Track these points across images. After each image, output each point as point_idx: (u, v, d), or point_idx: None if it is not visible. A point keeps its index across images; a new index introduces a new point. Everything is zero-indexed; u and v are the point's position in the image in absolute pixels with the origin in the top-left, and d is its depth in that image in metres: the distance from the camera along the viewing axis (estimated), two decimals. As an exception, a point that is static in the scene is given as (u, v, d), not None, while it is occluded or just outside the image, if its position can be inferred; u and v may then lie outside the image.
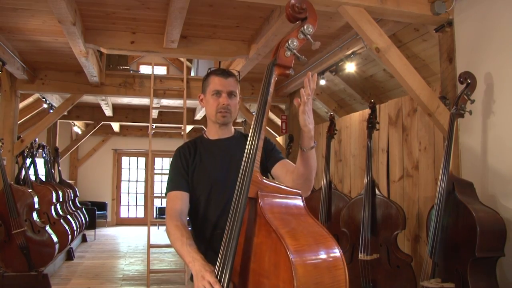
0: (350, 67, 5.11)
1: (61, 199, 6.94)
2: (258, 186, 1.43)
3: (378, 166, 4.61)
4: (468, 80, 2.85)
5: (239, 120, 9.52)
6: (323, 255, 1.30)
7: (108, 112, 8.78)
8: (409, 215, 3.98)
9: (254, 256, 1.38)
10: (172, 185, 1.89)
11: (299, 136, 6.12)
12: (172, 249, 7.79)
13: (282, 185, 1.50)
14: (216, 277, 1.44)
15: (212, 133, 1.98)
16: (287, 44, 1.54)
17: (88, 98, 7.69)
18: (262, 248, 1.36)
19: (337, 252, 1.33)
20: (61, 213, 6.86)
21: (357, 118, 5.33)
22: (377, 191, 3.51)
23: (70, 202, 8.00)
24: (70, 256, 7.21)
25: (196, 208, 1.90)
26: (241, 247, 1.43)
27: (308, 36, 1.54)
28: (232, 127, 2.01)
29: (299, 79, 5.98)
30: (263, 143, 1.84)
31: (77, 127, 10.55)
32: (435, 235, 2.61)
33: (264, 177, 1.48)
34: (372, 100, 3.86)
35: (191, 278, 1.85)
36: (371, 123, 3.73)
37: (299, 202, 1.46)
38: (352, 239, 3.58)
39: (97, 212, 10.20)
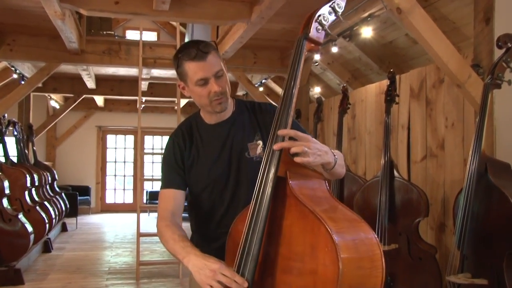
0: (367, 32, 5.06)
1: (36, 183, 6.95)
2: (287, 165, 1.49)
3: (397, 145, 4.61)
4: (508, 44, 2.76)
5: (239, 93, 9.51)
6: (361, 239, 1.37)
7: (90, 84, 8.74)
8: (432, 201, 3.98)
9: (283, 239, 1.44)
10: (165, 182, 1.90)
11: (307, 111, 6.13)
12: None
13: (306, 166, 1.54)
14: (237, 268, 1.46)
15: (208, 118, 1.93)
16: (319, 19, 1.59)
17: (66, 68, 7.62)
18: (293, 230, 1.42)
19: (373, 237, 1.40)
20: (36, 199, 6.87)
21: (373, 90, 5.31)
22: (395, 173, 3.52)
23: (48, 187, 8.03)
24: (47, 248, 7.24)
25: (197, 206, 1.92)
26: (265, 230, 1.48)
27: (339, 13, 1.60)
28: (231, 100, 1.92)
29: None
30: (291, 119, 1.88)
31: (54, 101, 10.50)
32: (464, 224, 2.59)
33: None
34: (392, 70, 3.84)
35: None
36: (390, 96, 3.72)
37: (323, 185, 1.55)
38: None
39: (79, 198, 10.23)
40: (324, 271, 1.29)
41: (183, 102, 10.18)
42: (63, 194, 8.93)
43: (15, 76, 7.61)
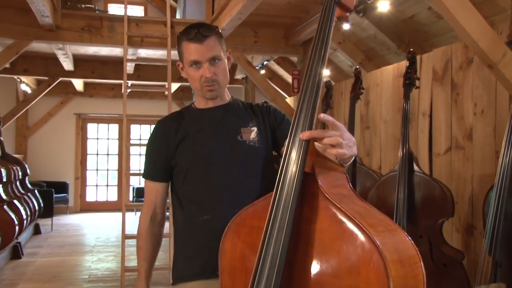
0: (383, 6, 5.06)
1: (4, 179, 6.94)
2: (313, 158, 1.44)
3: (418, 135, 4.63)
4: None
5: (238, 76, 9.51)
6: (402, 249, 1.31)
7: (67, 65, 8.68)
8: (458, 199, 4.00)
9: (312, 248, 1.35)
10: (147, 172, 2.08)
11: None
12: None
13: (330, 159, 1.50)
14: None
15: (202, 103, 2.08)
16: None
17: (39, 46, 7.55)
18: (324, 238, 1.34)
19: (410, 244, 1.33)
20: (4, 197, 6.86)
21: (390, 73, 5.32)
22: (415, 167, 3.52)
23: (18, 183, 8.02)
24: (17, 253, 7.19)
25: (180, 188, 2.01)
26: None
27: None
28: (228, 94, 2.10)
29: (315, 24, 5.89)
30: (272, 111, 2.07)
31: (25, 84, 10.43)
32: (496, 226, 2.59)
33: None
34: (412, 49, 3.82)
35: (174, 282, 1.90)
36: (409, 79, 3.71)
37: (345, 181, 1.50)
38: None
39: (55, 195, 10.19)
40: None
41: (174, 86, 10.17)
42: (36, 191, 8.92)
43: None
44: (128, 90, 7.10)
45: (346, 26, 5.54)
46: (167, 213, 2.94)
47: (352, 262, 1.26)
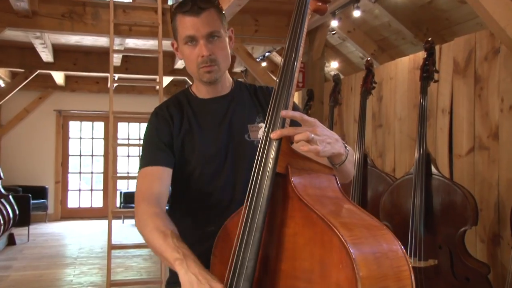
0: (399, -10, 5.09)
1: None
2: (287, 158, 1.47)
3: (436, 134, 4.65)
4: None
5: (237, 69, 9.53)
6: (384, 251, 1.35)
7: (46, 56, 8.68)
8: (483, 205, 4.00)
9: (285, 253, 1.42)
10: (148, 159, 1.89)
11: (321, 92, 6.13)
12: (143, 252, 7.87)
13: (313, 158, 1.54)
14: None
15: (202, 92, 2.01)
16: None
17: (14, 35, 7.56)
18: (297, 242, 1.39)
19: (398, 248, 1.38)
20: (-26, 203, 6.83)
21: (406, 65, 5.34)
22: (433, 169, 3.54)
23: (-11, 188, 7.99)
24: (-12, 267, 7.21)
25: (179, 197, 1.97)
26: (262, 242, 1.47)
27: None
28: (229, 78, 2.04)
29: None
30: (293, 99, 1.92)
31: (-2, 77, 10.45)
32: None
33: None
34: (430, 39, 3.84)
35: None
36: (427, 72, 3.74)
37: (333, 182, 1.54)
38: (397, 236, 3.55)
39: (32, 202, 10.14)
40: None
41: (166, 80, 10.17)
42: (10, 197, 8.90)
43: None
44: (115, 85, 7.11)
45: (356, 13, 5.54)
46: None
47: (323, 265, 1.30)
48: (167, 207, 1.91)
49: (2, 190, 8.80)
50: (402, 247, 1.39)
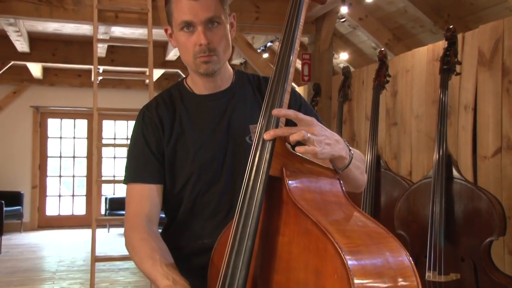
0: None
1: None
2: (283, 160, 1.49)
3: (458, 133, 4.65)
4: None
5: (236, 61, 9.59)
6: (387, 261, 1.36)
7: (21, 45, 8.73)
8: (511, 213, 3.97)
9: (279, 263, 1.43)
10: (134, 174, 1.93)
11: (329, 86, 6.15)
12: (131, 265, 7.88)
13: (313, 160, 1.55)
14: None
15: (199, 86, 1.99)
16: None
17: (-16, 22, 7.58)
18: (291, 251, 1.41)
19: (404, 257, 1.38)
20: None
21: (424, 56, 5.34)
22: (455, 173, 3.54)
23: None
24: (-46, 282, 7.22)
25: (172, 207, 1.96)
26: (254, 251, 1.48)
27: None
28: (229, 70, 2.01)
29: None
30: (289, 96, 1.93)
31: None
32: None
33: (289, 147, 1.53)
34: (452, 26, 3.83)
35: None
36: (448, 64, 3.75)
37: (336, 186, 1.56)
38: (415, 247, 3.65)
39: (5, 209, 10.15)
40: None
41: (157, 73, 10.17)
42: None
43: None
44: (99, 78, 7.10)
45: (369, -1, 5.56)
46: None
47: (318, 276, 1.32)
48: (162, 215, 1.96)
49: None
50: (410, 257, 1.38)
